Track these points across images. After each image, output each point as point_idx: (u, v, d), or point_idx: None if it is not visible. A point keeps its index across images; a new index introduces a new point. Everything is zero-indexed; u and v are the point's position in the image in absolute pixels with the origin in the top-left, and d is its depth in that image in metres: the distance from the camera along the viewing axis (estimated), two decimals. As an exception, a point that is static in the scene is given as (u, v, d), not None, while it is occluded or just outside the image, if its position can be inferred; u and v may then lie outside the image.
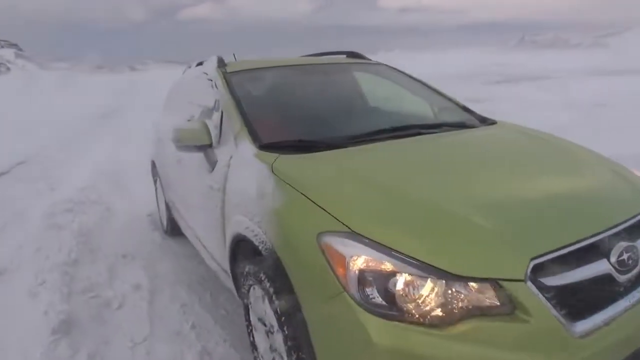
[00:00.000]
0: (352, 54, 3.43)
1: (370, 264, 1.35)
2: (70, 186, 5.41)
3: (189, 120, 2.95)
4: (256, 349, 2.04)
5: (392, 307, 1.32)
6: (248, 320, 2.07)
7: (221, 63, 2.87)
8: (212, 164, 2.35)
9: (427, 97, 2.87)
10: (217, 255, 2.44)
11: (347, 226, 1.44)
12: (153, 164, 4.28)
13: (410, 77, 3.10)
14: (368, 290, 1.34)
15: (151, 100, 12.42)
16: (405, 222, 1.46)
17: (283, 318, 1.60)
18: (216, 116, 2.50)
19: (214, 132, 2.38)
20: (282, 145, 2.07)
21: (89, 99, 12.82)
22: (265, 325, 1.88)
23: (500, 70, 29.67)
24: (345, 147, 2.05)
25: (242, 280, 1.98)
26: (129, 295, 2.95)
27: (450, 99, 2.89)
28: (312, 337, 1.48)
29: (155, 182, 4.38)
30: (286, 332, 1.59)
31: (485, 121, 2.63)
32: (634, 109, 8.69)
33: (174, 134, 2.37)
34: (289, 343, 1.58)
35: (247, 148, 2.09)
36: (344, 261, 1.37)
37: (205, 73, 2.93)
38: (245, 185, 1.94)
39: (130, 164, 6.71)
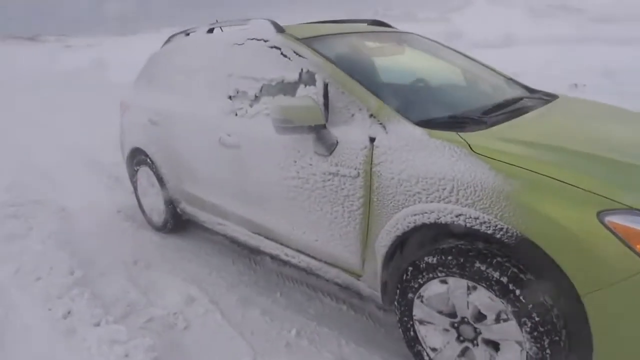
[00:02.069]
0: (375, 22, 3.22)
1: None
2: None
3: (254, 97, 2.48)
4: (421, 344, 1.90)
5: None
6: (409, 315, 1.90)
7: (279, 28, 2.46)
8: (330, 146, 2.04)
9: (470, 68, 2.82)
10: (334, 250, 2.16)
11: (619, 202, 1.40)
12: (134, 153, 3.55)
13: (444, 45, 3.02)
14: None
15: None
16: None
17: (530, 305, 1.52)
18: (312, 91, 2.15)
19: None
20: (436, 123, 1.89)
21: None
22: (453, 317, 1.76)
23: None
24: (492, 123, 1.94)
25: (412, 273, 1.81)
26: (188, 311, 2.46)
27: (493, 69, 2.90)
28: (592, 317, 1.42)
29: (134, 174, 3.66)
30: (536, 318, 1.51)
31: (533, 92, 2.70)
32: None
33: (281, 114, 1.99)
34: (540, 329, 1.51)
35: (405, 127, 1.85)
36: None
37: (261, 40, 2.48)
38: (429, 169, 1.71)
39: (41, 155, 5.54)
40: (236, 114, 2.55)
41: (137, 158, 3.54)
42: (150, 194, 3.54)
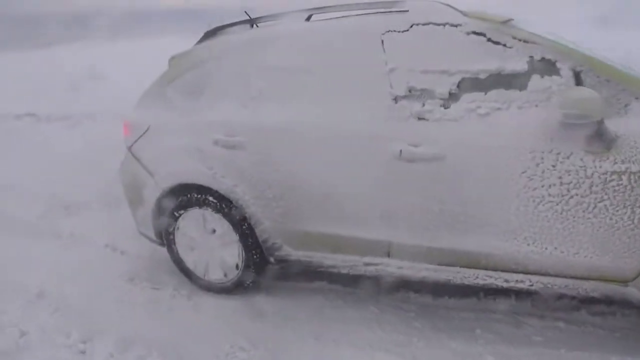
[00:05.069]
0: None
1: None
2: None
3: (447, 95, 1.96)
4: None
5: None
6: None
7: (462, 11, 2.03)
8: (610, 142, 1.75)
9: None
10: (600, 260, 1.87)
11: None
12: (174, 193, 2.52)
13: None
14: None
15: None
16: None
17: None
18: (556, 81, 1.83)
19: None
20: None
21: None
22: None
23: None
24: None
25: None
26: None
27: None
28: None
29: (171, 222, 2.58)
30: None
31: None
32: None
33: (580, 109, 1.69)
34: None
35: None
36: None
37: (446, 25, 1.99)
38: None
39: None
40: (421, 118, 2.00)
41: (182, 199, 2.53)
42: (207, 246, 2.57)
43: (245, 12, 2.68)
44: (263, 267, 2.53)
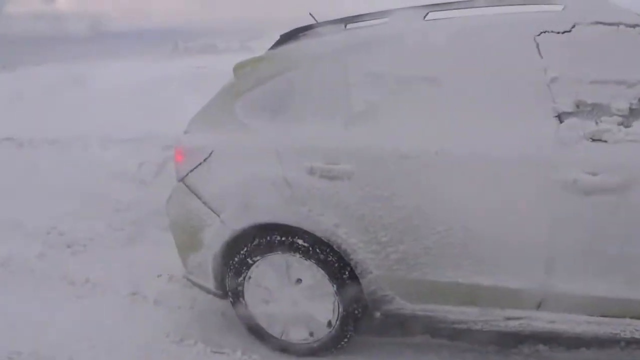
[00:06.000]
0: None
1: None
2: None
3: (628, 110, 1.60)
4: None
5: None
6: None
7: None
8: None
9: None
10: None
11: None
12: (248, 236, 2.00)
13: None
14: None
15: None
16: None
17: None
18: None
19: None
20: None
21: None
22: None
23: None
24: None
25: None
26: None
27: None
28: None
29: (240, 270, 2.05)
30: None
31: None
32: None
33: None
34: None
35: None
36: None
37: (619, 25, 1.63)
38: None
39: None
40: (596, 140, 1.62)
41: (259, 243, 2.01)
42: (288, 299, 2.06)
43: (311, 14, 2.25)
44: (362, 322, 2.06)
